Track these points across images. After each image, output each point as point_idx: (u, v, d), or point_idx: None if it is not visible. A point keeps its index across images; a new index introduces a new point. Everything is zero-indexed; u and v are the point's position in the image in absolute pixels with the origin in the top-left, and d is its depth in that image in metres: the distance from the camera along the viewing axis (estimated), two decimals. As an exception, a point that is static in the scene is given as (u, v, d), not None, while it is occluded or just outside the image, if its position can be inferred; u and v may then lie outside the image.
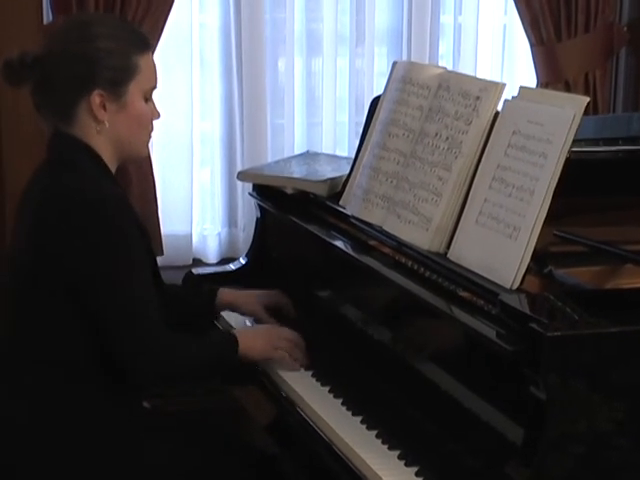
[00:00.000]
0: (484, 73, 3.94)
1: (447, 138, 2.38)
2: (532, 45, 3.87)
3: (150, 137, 2.48)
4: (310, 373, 2.47)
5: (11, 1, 3.33)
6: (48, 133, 2.41)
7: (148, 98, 2.41)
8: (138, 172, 3.47)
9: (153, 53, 2.45)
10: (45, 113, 2.40)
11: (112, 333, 2.27)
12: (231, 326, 2.75)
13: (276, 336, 2.51)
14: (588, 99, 2.15)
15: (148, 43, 2.44)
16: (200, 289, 2.83)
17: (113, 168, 2.41)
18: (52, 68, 2.33)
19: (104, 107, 2.33)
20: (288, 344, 2.49)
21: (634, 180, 2.63)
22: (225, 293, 2.78)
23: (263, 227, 3.13)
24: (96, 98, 2.32)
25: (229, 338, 2.46)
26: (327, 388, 2.39)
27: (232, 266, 3.18)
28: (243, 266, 3.13)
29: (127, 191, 3.35)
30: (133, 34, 2.42)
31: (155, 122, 2.45)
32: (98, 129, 2.34)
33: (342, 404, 2.31)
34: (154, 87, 2.43)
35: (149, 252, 2.42)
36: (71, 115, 2.34)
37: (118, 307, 2.26)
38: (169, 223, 3.66)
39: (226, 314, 2.83)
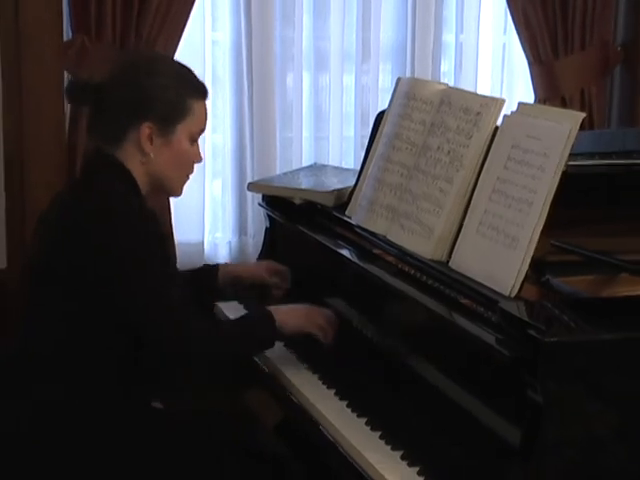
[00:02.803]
0: (484, 89, 3.94)
1: (449, 152, 2.37)
2: (530, 63, 3.87)
3: (188, 179, 2.49)
4: (317, 376, 2.47)
5: (34, 20, 3.32)
6: (90, 152, 2.42)
7: (194, 141, 2.43)
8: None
9: (207, 99, 2.47)
10: (95, 134, 2.42)
11: (147, 329, 2.29)
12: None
13: (315, 311, 2.53)
14: (584, 115, 2.15)
15: (206, 91, 2.46)
16: (200, 269, 2.86)
17: (143, 192, 2.41)
18: (112, 95, 2.36)
19: (151, 140, 2.35)
20: (325, 319, 2.51)
21: (628, 193, 2.63)
22: (227, 268, 2.86)
23: (272, 236, 3.13)
24: (145, 129, 2.34)
25: (264, 312, 2.47)
26: (333, 391, 2.39)
27: (242, 273, 3.18)
28: (253, 273, 3.13)
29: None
30: (193, 79, 2.44)
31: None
32: (142, 160, 2.37)
33: (347, 406, 2.31)
34: (202, 131, 2.45)
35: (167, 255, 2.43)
36: (119, 140, 2.36)
37: (147, 302, 2.28)
38: (182, 232, 3.67)
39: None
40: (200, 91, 2.43)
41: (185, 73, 2.45)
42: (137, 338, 2.30)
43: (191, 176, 2.40)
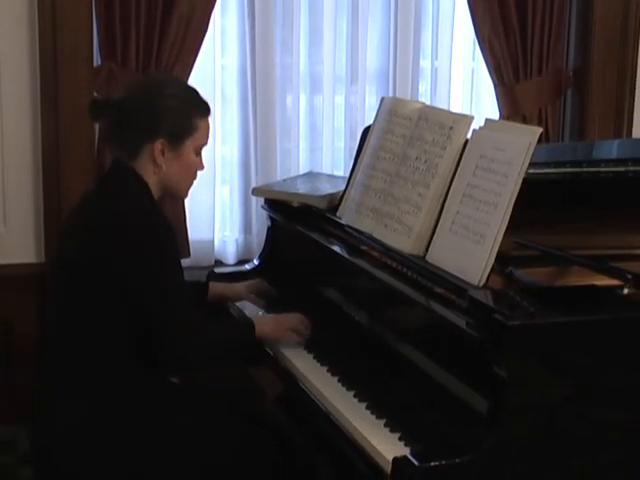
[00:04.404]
0: (456, 108, 3.93)
1: (425, 161, 2.37)
2: (495, 85, 3.87)
3: (193, 184, 2.49)
4: (312, 355, 2.46)
5: (67, 47, 3.32)
6: (110, 160, 2.41)
7: (198, 152, 2.43)
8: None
9: (210, 116, 2.46)
10: (112, 146, 2.43)
11: (156, 324, 2.26)
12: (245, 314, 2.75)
13: (284, 318, 2.54)
14: (541, 130, 2.15)
15: (208, 109, 2.45)
16: (193, 284, 2.76)
17: (156, 197, 2.41)
18: (128, 114, 2.36)
19: (163, 154, 2.35)
20: (295, 323, 2.51)
21: (579, 196, 2.63)
22: (215, 287, 2.82)
23: (273, 234, 3.12)
24: (159, 145, 2.34)
25: (247, 321, 2.50)
26: (325, 368, 2.38)
27: (247, 266, 3.17)
28: (256, 266, 3.12)
29: (161, 205, 3.34)
30: (198, 100, 2.44)
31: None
32: (155, 170, 2.37)
33: (338, 381, 2.30)
34: (205, 144, 2.45)
35: (178, 258, 2.42)
36: (135, 154, 2.36)
37: (159, 301, 2.26)
38: (195, 231, 3.65)
39: (241, 305, 2.84)
40: (205, 110, 2.43)
41: (192, 94, 2.45)
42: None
43: (203, 182, 2.41)
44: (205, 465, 2.30)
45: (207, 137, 2.44)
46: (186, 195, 2.54)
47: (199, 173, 2.49)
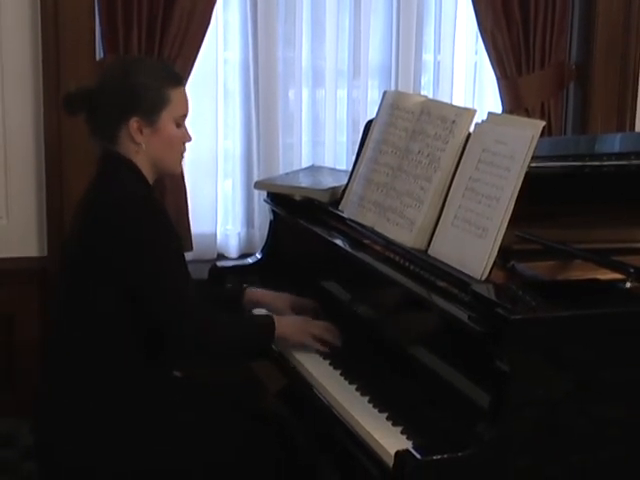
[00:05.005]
0: (459, 101, 3.93)
1: (428, 155, 2.36)
2: (498, 79, 3.86)
3: (182, 157, 2.45)
4: (314, 349, 2.46)
5: (69, 41, 3.32)
6: (99, 152, 2.40)
7: (180, 124, 2.39)
8: (172, 183, 3.46)
9: (184, 86, 2.43)
10: (95, 136, 2.39)
11: (156, 312, 2.25)
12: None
13: (311, 323, 2.46)
14: (544, 123, 2.14)
15: (180, 79, 2.43)
16: (226, 288, 2.71)
17: (151, 180, 2.39)
18: (100, 99, 2.34)
19: (141, 131, 2.33)
20: (322, 330, 2.44)
21: (581, 190, 2.62)
22: (252, 292, 2.68)
23: (275, 228, 3.11)
24: (134, 124, 2.32)
25: (267, 318, 2.44)
26: (328, 361, 2.38)
27: (249, 260, 3.17)
28: (259, 260, 3.12)
29: (163, 199, 3.34)
30: (167, 71, 2.41)
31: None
32: (136, 149, 2.34)
33: (340, 374, 2.30)
34: (185, 115, 2.41)
35: (180, 247, 2.41)
36: (115, 137, 2.34)
37: (159, 287, 2.25)
38: (198, 224, 3.65)
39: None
40: (175, 80, 2.39)
41: (159, 67, 2.43)
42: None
43: (206, 176, 2.38)
44: (208, 461, 2.30)
45: (185, 107, 2.40)
46: (178, 169, 2.47)
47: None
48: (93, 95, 2.35)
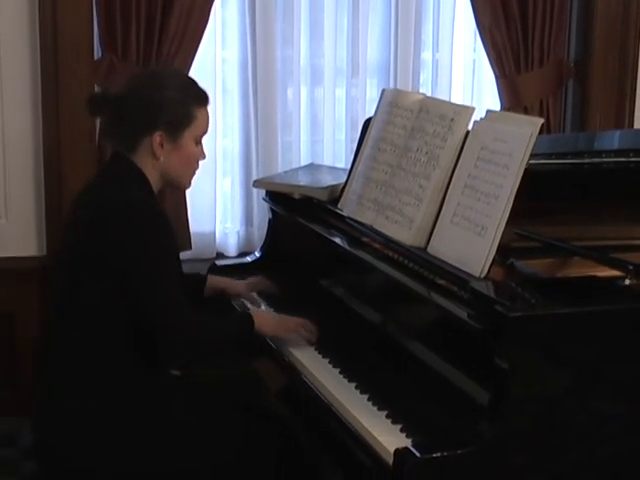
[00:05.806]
0: (457, 99, 3.92)
1: (427, 152, 2.36)
2: (497, 77, 3.86)
3: (194, 174, 2.47)
4: (313, 347, 2.46)
5: (68, 40, 3.32)
6: (108, 151, 2.40)
7: (198, 142, 2.41)
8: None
9: (208, 105, 2.43)
10: (111, 139, 2.41)
11: (149, 314, 2.25)
12: (248, 308, 2.74)
13: (286, 320, 2.50)
14: (542, 120, 2.14)
15: (207, 98, 2.43)
16: (191, 276, 2.73)
17: (156, 190, 2.40)
18: (128, 107, 2.34)
19: (162, 145, 2.33)
20: (297, 325, 2.47)
21: (580, 187, 2.63)
22: (215, 280, 2.79)
23: (274, 226, 3.11)
24: (157, 137, 2.33)
25: (246, 315, 2.46)
26: (327, 360, 2.38)
27: (248, 258, 3.17)
28: (258, 259, 3.12)
29: (163, 197, 3.34)
30: (196, 89, 2.41)
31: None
32: (153, 163, 2.35)
33: (340, 373, 2.30)
34: (205, 133, 2.42)
35: (176, 250, 2.41)
36: (134, 146, 2.35)
37: (154, 291, 2.25)
38: (197, 223, 3.65)
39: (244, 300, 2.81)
40: (203, 99, 2.40)
41: (189, 84, 2.43)
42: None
43: (204, 175, 2.38)
44: (208, 461, 2.29)
45: (206, 126, 2.42)
46: (188, 186, 2.51)
47: (200, 163, 2.47)
48: (121, 101, 2.35)
